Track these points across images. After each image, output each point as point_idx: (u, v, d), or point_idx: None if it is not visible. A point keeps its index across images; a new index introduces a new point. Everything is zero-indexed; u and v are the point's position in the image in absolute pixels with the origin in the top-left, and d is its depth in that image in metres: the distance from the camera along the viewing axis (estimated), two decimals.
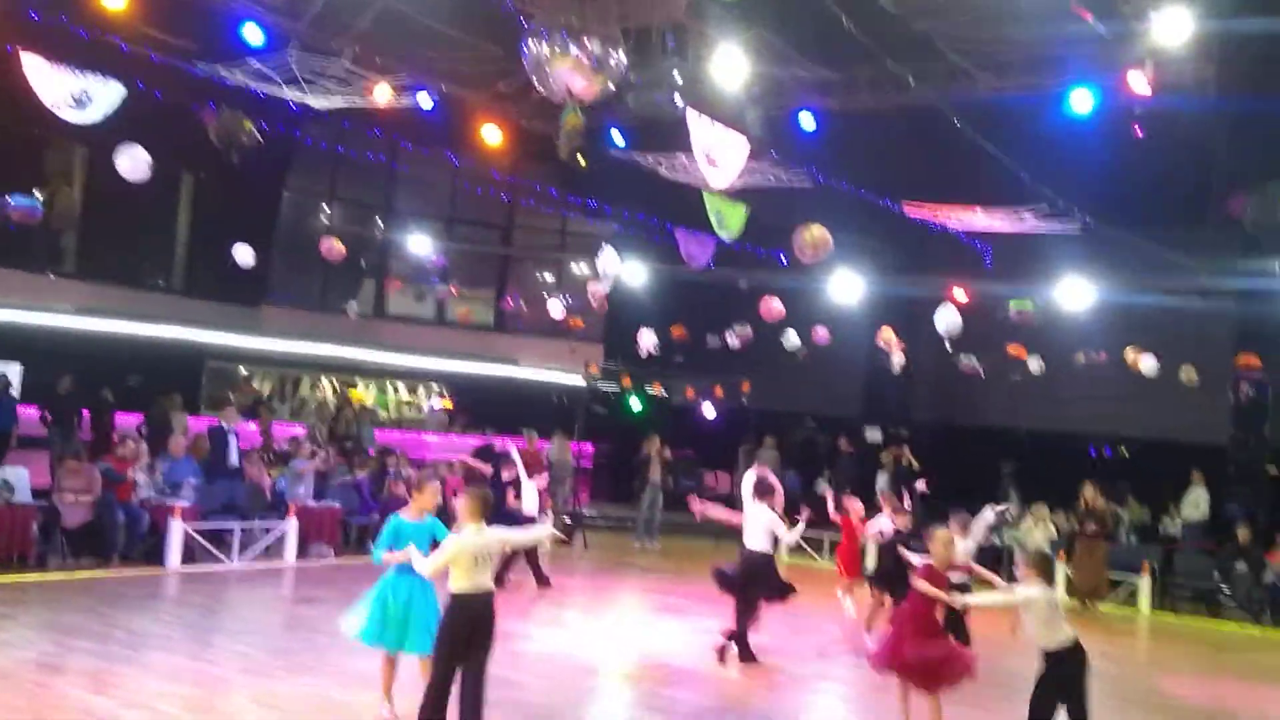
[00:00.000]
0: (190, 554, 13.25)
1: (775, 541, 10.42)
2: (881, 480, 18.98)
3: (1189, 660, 12.80)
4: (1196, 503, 18.27)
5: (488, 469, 16.02)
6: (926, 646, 7.66)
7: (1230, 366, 18.39)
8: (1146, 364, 17.98)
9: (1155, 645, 14.10)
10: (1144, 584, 16.05)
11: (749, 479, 10.80)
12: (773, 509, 10.43)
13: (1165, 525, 18.84)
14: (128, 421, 16.76)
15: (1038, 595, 7.10)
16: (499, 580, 13.40)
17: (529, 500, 13.80)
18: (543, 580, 13.69)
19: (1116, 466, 21.07)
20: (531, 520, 13.74)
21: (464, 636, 6.56)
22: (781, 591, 10.60)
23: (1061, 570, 16.14)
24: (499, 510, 14.99)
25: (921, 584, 7.77)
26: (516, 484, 14.80)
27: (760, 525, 10.26)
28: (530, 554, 13.66)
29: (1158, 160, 14.74)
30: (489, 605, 6.67)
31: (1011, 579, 8.06)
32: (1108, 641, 13.43)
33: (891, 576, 10.99)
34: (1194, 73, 12.70)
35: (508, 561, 13.91)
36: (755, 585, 10.28)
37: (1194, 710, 10.12)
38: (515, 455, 14.28)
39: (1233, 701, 10.60)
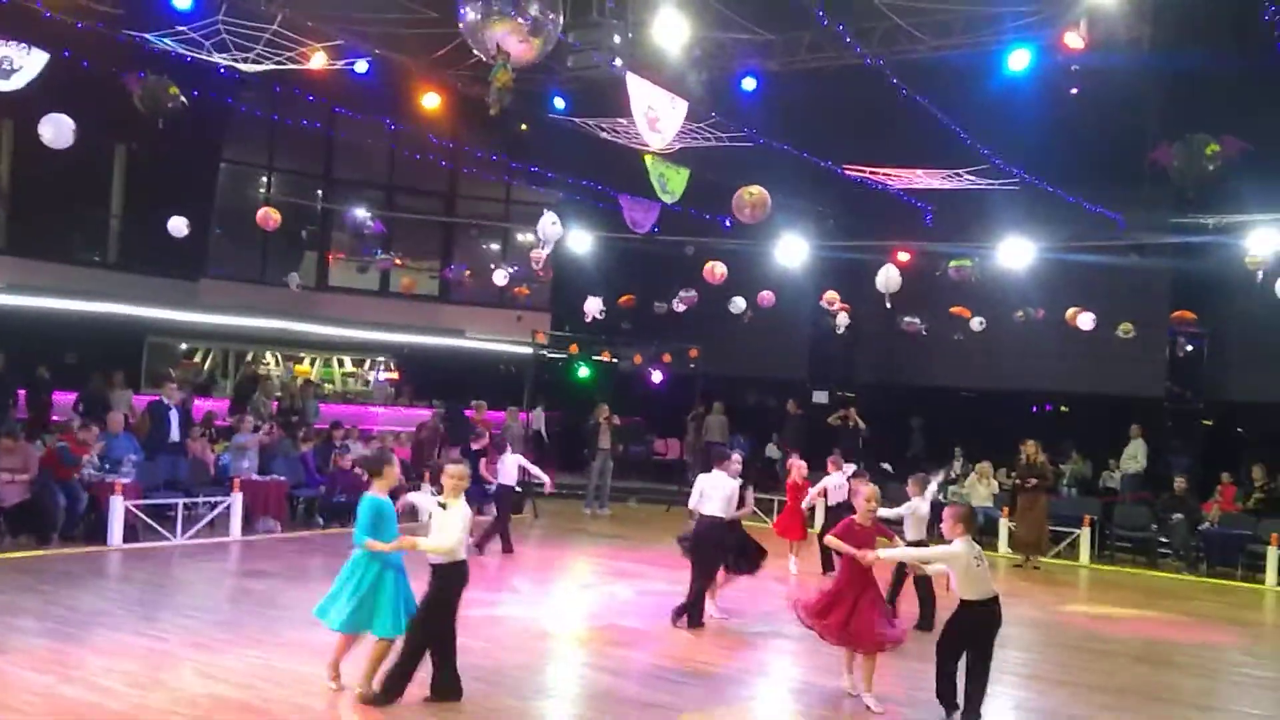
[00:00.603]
0: (133, 531, 13.06)
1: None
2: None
3: (1127, 607, 13.14)
4: (1135, 455, 18.71)
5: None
6: (850, 608, 7.68)
7: (1166, 322, 18.76)
8: (1085, 320, 18.31)
9: (1095, 594, 14.44)
10: (1084, 536, 16.42)
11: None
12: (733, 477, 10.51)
13: (1104, 478, 19.28)
14: (66, 400, 16.43)
15: (960, 550, 7.14)
16: (480, 548, 13.54)
17: (508, 471, 14.08)
18: (508, 548, 14.07)
19: (1057, 422, 21.49)
20: (510, 490, 14.30)
21: (454, 608, 7.21)
22: (743, 560, 10.73)
23: (1005, 525, 16.47)
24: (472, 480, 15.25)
25: (829, 538, 7.86)
26: (486, 453, 14.93)
27: (720, 493, 10.30)
28: (502, 522, 14.03)
29: (1094, 118, 14.95)
30: (467, 575, 7.34)
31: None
32: (1049, 592, 13.75)
33: None
34: (1128, 30, 12.84)
35: (489, 532, 13.98)
36: (709, 551, 10.37)
37: (1131, 651, 10.41)
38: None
39: (1168, 642, 10.93)
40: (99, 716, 6.61)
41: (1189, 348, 19.29)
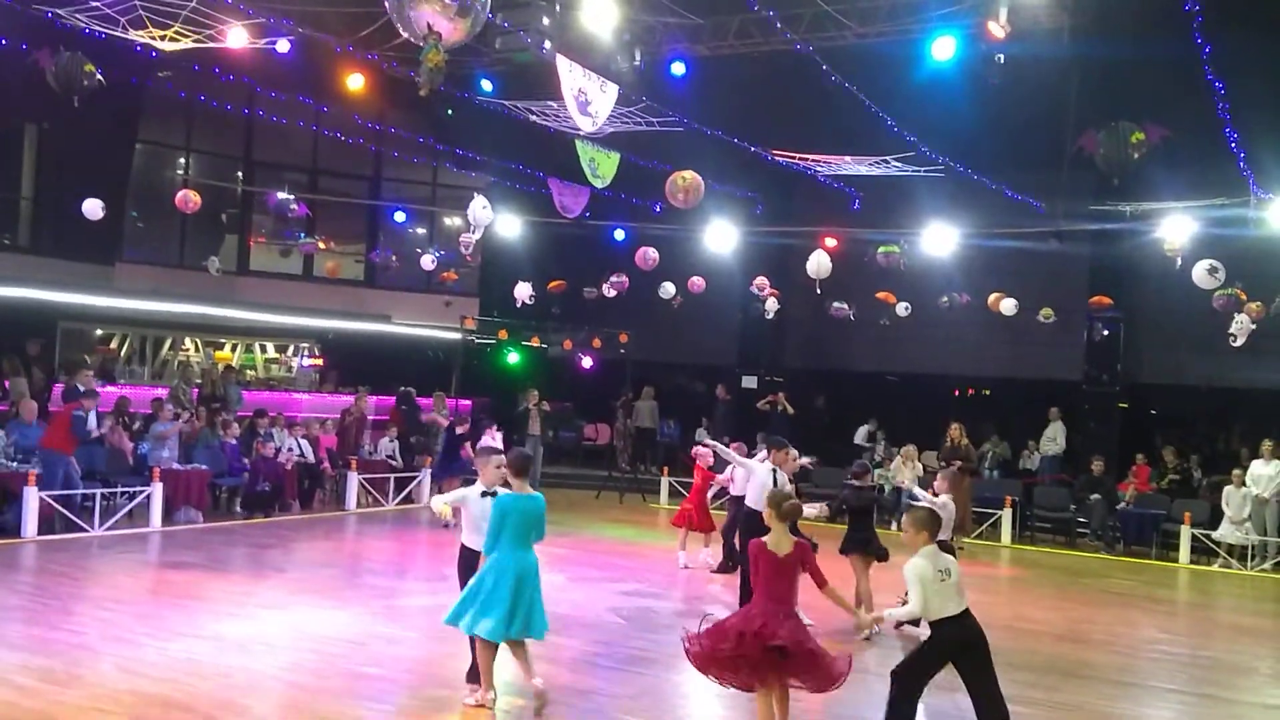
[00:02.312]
0: (49, 524, 12.67)
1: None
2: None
3: (1048, 587, 13.46)
4: (1054, 437, 19.16)
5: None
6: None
7: (1085, 306, 19.21)
8: (1007, 306, 18.66)
9: (1016, 574, 14.77)
10: (1006, 517, 16.79)
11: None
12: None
13: (1024, 460, 19.71)
14: None
15: (923, 565, 6.26)
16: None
17: None
18: None
19: (979, 405, 21.91)
20: None
21: None
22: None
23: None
24: (460, 463, 15.16)
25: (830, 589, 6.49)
26: (466, 437, 15.34)
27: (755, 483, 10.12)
28: None
29: (1016, 106, 15.18)
30: None
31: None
32: (972, 572, 14.00)
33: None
34: (1049, 19, 13.07)
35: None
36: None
37: (1051, 630, 10.66)
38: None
39: (1087, 622, 11.22)
40: (15, 715, 6.40)
41: (1105, 332, 19.78)
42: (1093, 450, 17.90)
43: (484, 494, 7.20)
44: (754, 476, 10.26)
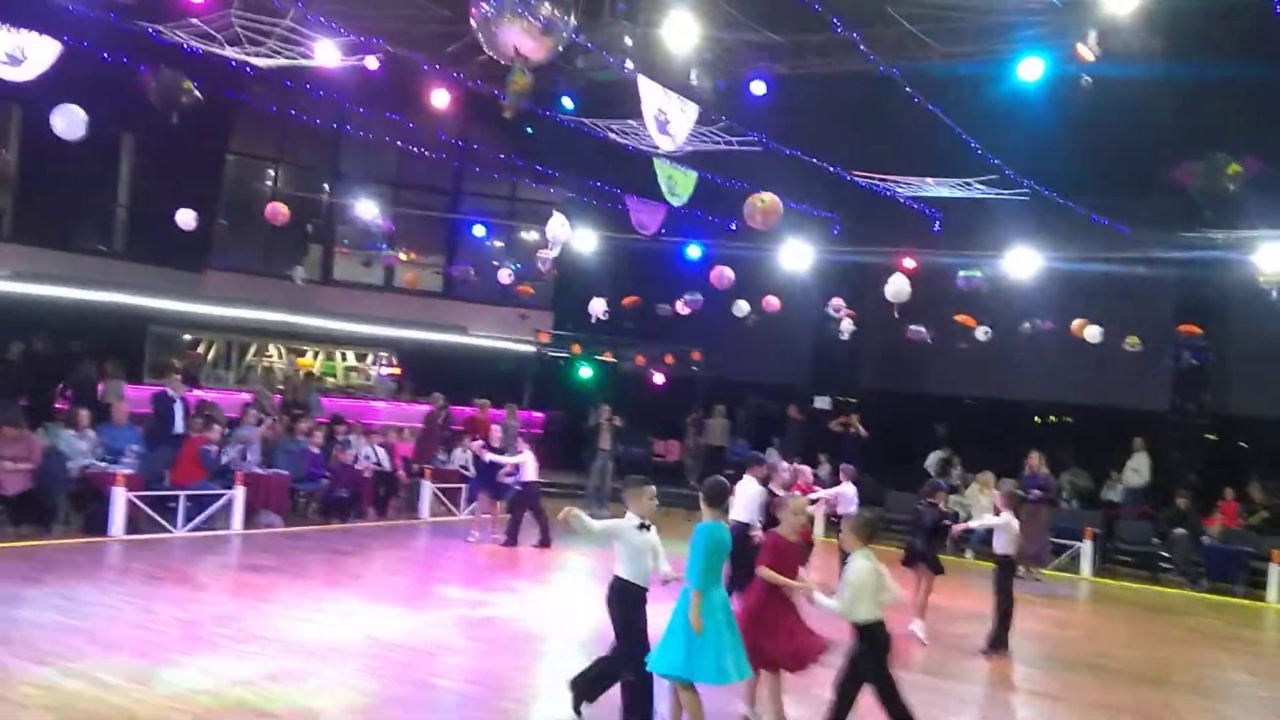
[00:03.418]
0: (134, 523, 13.04)
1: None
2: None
3: (1128, 623, 13.10)
4: (1138, 469, 18.66)
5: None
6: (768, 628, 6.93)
7: (1172, 335, 18.72)
8: (1091, 333, 18.26)
9: (1096, 609, 14.41)
10: (1086, 549, 16.39)
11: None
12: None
13: (1107, 491, 19.23)
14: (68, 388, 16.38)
15: (865, 566, 6.46)
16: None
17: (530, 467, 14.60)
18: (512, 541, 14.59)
19: (1059, 433, 21.43)
20: (534, 485, 14.74)
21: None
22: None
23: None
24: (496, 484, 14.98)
25: (763, 569, 7.04)
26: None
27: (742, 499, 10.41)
28: (541, 512, 14.52)
29: (1105, 130, 14.89)
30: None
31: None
32: (1050, 606, 13.71)
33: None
34: (1141, 42, 12.80)
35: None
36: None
37: (1130, 668, 10.36)
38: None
39: (1170, 661, 10.88)
40: (97, 711, 6.59)
41: (1194, 361, 19.25)
42: (1178, 483, 17.40)
43: (640, 527, 6.74)
44: (743, 493, 10.40)
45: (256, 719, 6.71)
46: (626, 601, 6.73)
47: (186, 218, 16.81)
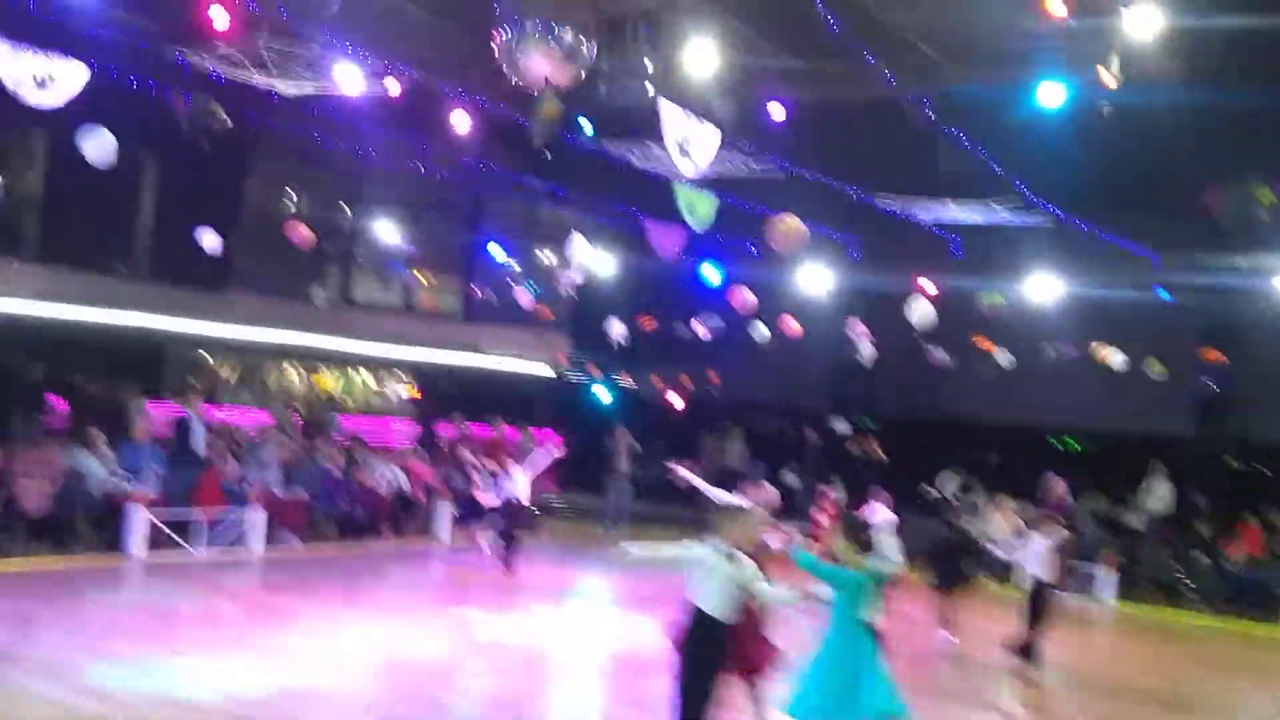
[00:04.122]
0: (154, 542, 13.08)
1: None
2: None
3: (1148, 650, 12.96)
4: (1159, 494, 18.49)
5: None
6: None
7: (1195, 360, 18.57)
8: (1115, 359, 18.14)
9: (1116, 635, 14.27)
10: (1106, 575, 16.24)
11: None
12: None
13: (1128, 517, 19.05)
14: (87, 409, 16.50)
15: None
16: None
17: (521, 487, 14.10)
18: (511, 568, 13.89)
19: (1080, 458, 21.28)
20: (522, 507, 14.24)
21: None
22: None
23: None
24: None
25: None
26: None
27: None
28: (513, 537, 13.93)
29: (1127, 155, 14.84)
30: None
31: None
32: (1070, 631, 13.56)
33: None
34: (1163, 67, 12.76)
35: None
36: None
37: (1150, 694, 10.25)
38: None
39: (1188, 688, 10.75)
40: None
41: (1217, 388, 19.10)
42: (1200, 510, 17.23)
43: (728, 556, 6.34)
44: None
45: None
46: (699, 637, 6.29)
47: (210, 240, 16.94)
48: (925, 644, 10.70)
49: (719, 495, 6.96)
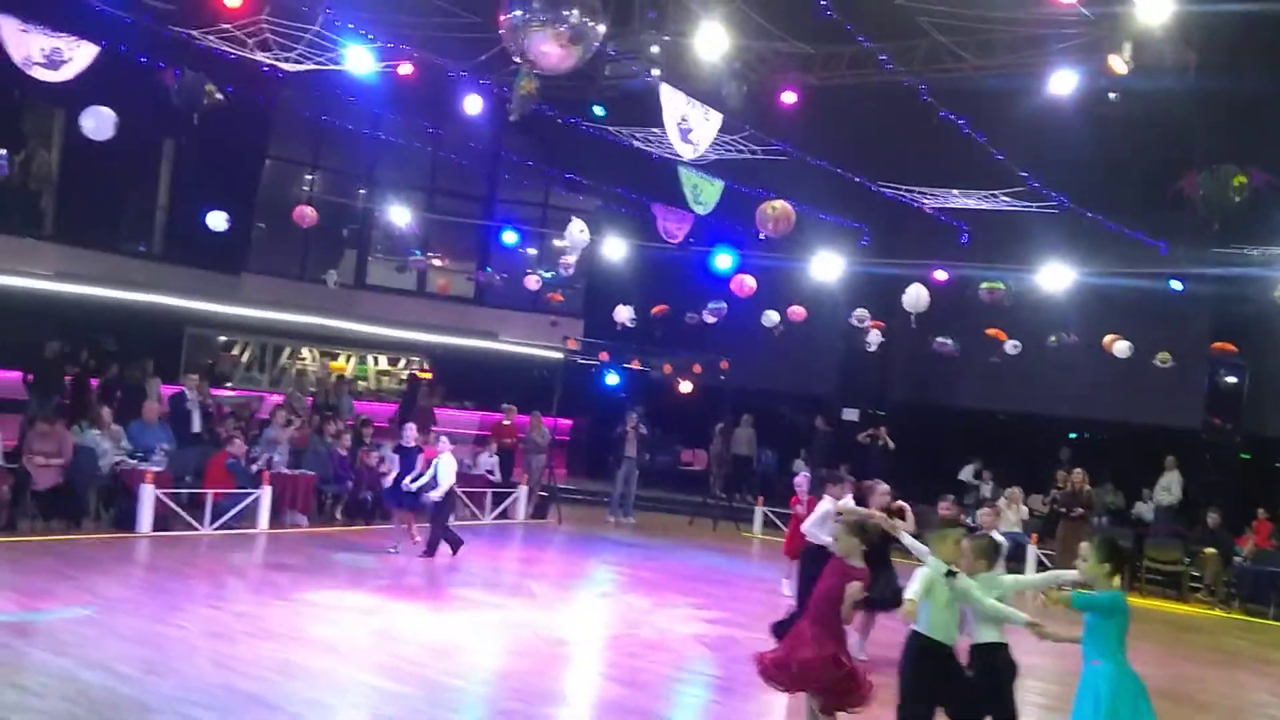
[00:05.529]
0: (162, 520, 13.23)
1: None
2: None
3: (1156, 642, 12.89)
4: (1169, 487, 18.43)
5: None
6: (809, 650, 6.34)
7: (1206, 352, 18.45)
8: (1120, 348, 18.05)
9: None
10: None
11: None
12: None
13: (1137, 509, 19.00)
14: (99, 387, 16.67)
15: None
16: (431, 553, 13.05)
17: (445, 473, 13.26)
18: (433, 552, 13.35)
19: (1090, 449, 21.19)
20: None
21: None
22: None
23: (1033, 552, 16.28)
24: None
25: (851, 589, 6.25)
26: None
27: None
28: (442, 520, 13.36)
29: (1137, 144, 14.75)
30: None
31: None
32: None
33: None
34: (1174, 55, 12.69)
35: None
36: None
37: (1155, 687, 10.16)
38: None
39: (1193, 680, 10.72)
40: (111, 701, 6.70)
41: (1229, 380, 18.97)
42: (1210, 502, 17.14)
43: (948, 574, 6.07)
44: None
45: (269, 713, 6.79)
46: (920, 661, 6.02)
47: (218, 220, 17.08)
48: None
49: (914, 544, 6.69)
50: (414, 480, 13.43)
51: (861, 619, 9.05)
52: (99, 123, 12.30)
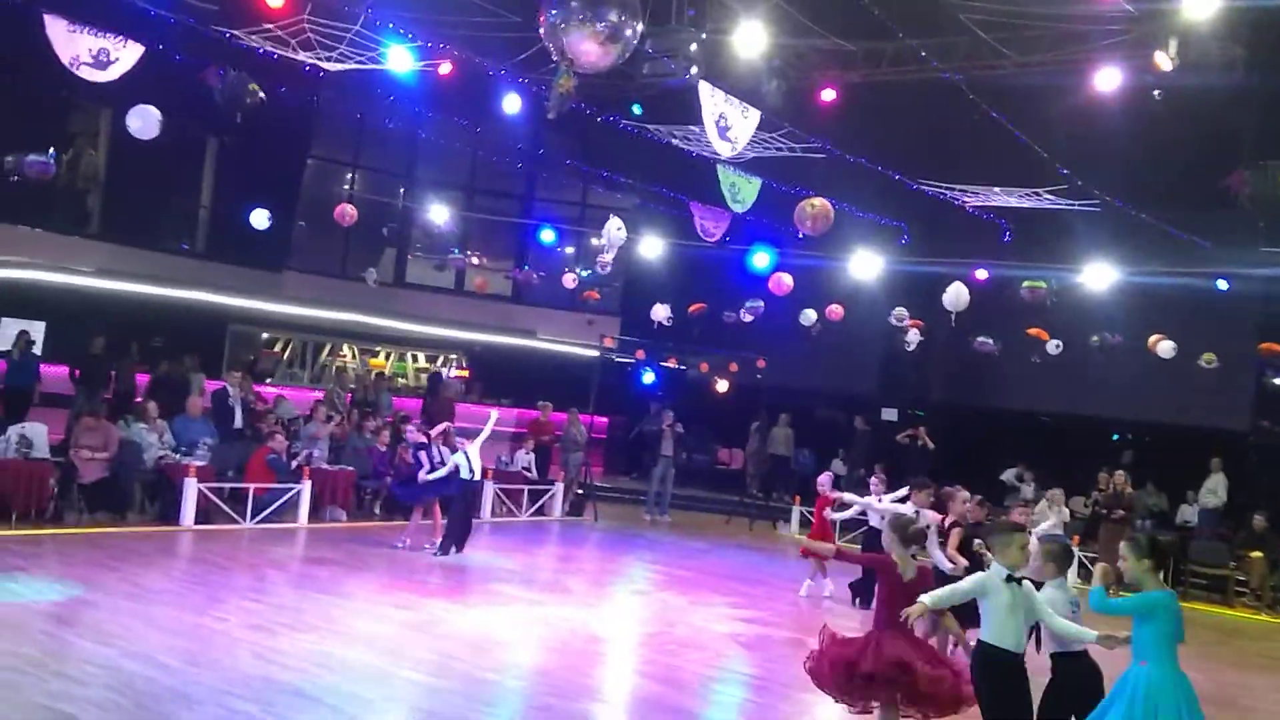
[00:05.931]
0: (205, 514, 13.41)
1: None
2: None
3: (1199, 647, 12.66)
4: (1214, 489, 18.13)
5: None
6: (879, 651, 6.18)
7: (1253, 353, 18.13)
8: (1164, 349, 17.78)
9: None
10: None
11: None
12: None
13: (1182, 511, 18.72)
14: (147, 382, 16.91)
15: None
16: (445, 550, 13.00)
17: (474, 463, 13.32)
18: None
19: (1134, 451, 20.92)
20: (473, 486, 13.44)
21: None
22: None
23: (1075, 553, 16.09)
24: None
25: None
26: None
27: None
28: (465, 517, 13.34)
29: (1182, 141, 14.53)
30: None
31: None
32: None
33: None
34: (1221, 52, 12.49)
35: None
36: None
37: (1202, 695, 10.01)
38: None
39: (1237, 688, 10.55)
40: (152, 690, 6.79)
41: (1276, 381, 18.64)
42: (1256, 505, 16.85)
43: (1009, 580, 5.91)
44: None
45: (309, 705, 6.85)
46: (992, 672, 5.82)
47: (260, 218, 17.27)
48: None
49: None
50: (429, 474, 13.40)
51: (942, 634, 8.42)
52: (145, 122, 12.48)
